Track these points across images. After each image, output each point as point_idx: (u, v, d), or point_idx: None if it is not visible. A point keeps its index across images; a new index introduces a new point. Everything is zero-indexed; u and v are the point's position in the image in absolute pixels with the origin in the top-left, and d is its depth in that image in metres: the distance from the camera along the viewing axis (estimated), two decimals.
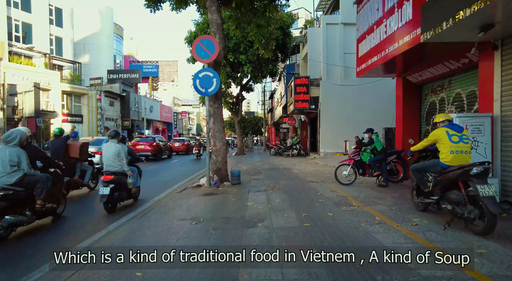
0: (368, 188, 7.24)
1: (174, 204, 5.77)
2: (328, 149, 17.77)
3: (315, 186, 7.54)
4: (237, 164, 14.66)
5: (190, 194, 6.75)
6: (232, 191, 6.97)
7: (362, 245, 3.34)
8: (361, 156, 7.61)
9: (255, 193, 6.71)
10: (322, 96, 17.82)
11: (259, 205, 5.44)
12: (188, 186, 7.82)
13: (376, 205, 5.37)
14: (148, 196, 7.00)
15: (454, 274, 2.58)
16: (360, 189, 7.02)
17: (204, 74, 7.36)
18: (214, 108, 7.81)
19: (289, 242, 3.49)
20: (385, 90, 17.78)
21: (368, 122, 18.32)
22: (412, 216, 4.54)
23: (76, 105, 33.67)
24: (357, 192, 6.62)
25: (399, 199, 5.85)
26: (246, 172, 11.07)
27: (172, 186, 8.54)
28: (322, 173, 10.70)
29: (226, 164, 7.99)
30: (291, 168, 12.51)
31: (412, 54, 6.31)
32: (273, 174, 10.43)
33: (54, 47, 33.55)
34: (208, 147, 7.46)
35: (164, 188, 8.31)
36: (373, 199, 5.88)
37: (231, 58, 20.70)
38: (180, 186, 8.35)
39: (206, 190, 7.13)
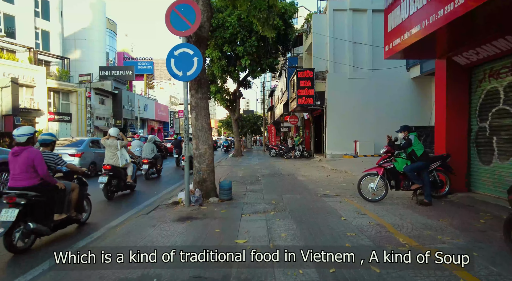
0: (406, 207, 5.28)
1: (128, 238, 3.80)
2: (335, 150, 15.82)
3: (332, 204, 5.58)
4: (233, 168, 12.69)
5: (159, 218, 4.78)
6: (219, 213, 5.00)
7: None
8: (394, 163, 5.66)
9: (250, 217, 4.74)
10: (329, 91, 15.86)
11: (255, 244, 3.48)
12: (163, 203, 5.86)
13: (441, 244, 3.41)
14: (106, 216, 5.07)
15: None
16: (397, 210, 5.05)
17: (181, 52, 5.39)
18: (196, 99, 5.84)
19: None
20: (401, 83, 15.88)
21: (382, 120, 16.49)
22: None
23: (64, 103, 31.72)
24: (396, 216, 4.65)
25: (468, 230, 3.89)
26: (242, 180, 9.10)
27: (146, 200, 6.58)
28: (334, 181, 8.73)
29: (213, 174, 6.02)
30: (295, 173, 10.55)
31: (475, 20, 4.36)
32: (274, 183, 8.47)
33: (40, 42, 31.55)
34: (186, 151, 5.48)
35: (134, 203, 6.36)
36: (426, 230, 3.92)
37: (227, 50, 18.75)
38: (155, 201, 6.38)
39: (183, 211, 5.17)
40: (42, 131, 27.25)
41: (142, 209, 5.69)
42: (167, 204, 5.77)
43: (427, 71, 14.20)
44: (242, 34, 18.29)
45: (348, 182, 8.34)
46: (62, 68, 33.59)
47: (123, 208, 5.92)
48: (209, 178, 5.88)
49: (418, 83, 15.65)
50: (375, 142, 15.46)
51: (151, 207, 5.69)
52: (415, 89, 15.75)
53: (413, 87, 15.75)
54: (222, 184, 5.92)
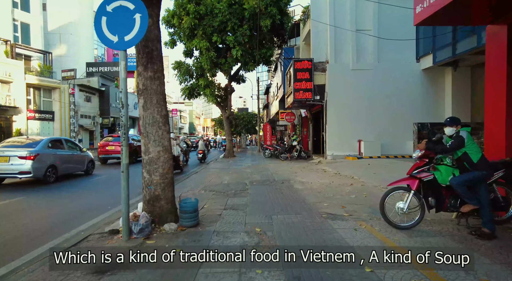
0: (457, 240, 3.48)
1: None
2: (337, 151, 14.03)
3: (344, 234, 3.76)
4: (219, 173, 10.85)
5: (70, 266, 2.93)
6: (168, 256, 3.14)
7: None
8: (434, 172, 3.85)
9: (215, 265, 2.89)
10: (330, 84, 14.06)
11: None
12: (97, 232, 4.02)
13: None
14: (10, 251, 3.24)
15: None
16: (449, 248, 3.25)
17: (117, 6, 3.55)
18: (144, 79, 4.01)
19: None
20: (411, 74, 14.03)
21: (389, 116, 14.60)
22: None
23: (46, 101, 29.73)
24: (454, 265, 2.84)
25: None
26: (225, 189, 7.26)
27: (81, 224, 4.73)
28: (339, 190, 6.92)
29: (171, 188, 4.16)
30: (291, 179, 8.73)
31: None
32: (264, 194, 6.63)
33: (19, 34, 29.53)
34: (124, 156, 3.60)
35: (62, 229, 4.50)
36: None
37: (216, 40, 16.88)
38: (91, 227, 4.52)
39: (115, 249, 3.31)
40: (20, 130, 25.28)
41: (67, 240, 3.85)
42: (103, 232, 3.93)
43: (441, 61, 12.46)
44: (233, 22, 16.46)
45: (358, 193, 6.55)
46: (44, 63, 31.55)
47: (56, 231, 4.06)
48: (164, 195, 4.04)
49: (429, 74, 13.89)
50: (382, 142, 13.70)
51: (80, 236, 3.86)
52: (426, 81, 13.99)
53: (424, 79, 13.99)
54: (183, 205, 4.07)
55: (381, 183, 7.45)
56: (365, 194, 6.42)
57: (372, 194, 6.41)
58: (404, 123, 13.87)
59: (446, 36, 12.03)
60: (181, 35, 18.25)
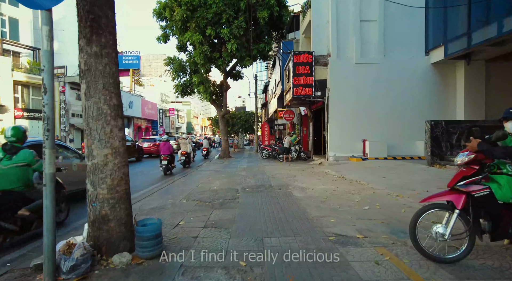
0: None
1: None
2: (340, 151, 12.95)
3: (363, 272, 2.67)
4: (210, 177, 9.75)
5: None
6: None
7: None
8: (490, 184, 2.76)
9: None
10: (332, 79, 12.97)
11: None
12: (22, 266, 2.93)
13: None
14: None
15: None
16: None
17: None
18: (87, 56, 2.91)
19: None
20: (419, 69, 12.86)
21: (396, 114, 13.16)
22: None
23: (36, 99, 28.62)
24: None
25: None
26: (211, 197, 6.17)
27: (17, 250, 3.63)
28: (346, 199, 5.83)
29: (126, 204, 3.04)
30: (290, 185, 7.64)
31: None
32: (257, 205, 5.52)
33: (7, 30, 28.40)
34: (47, 164, 2.50)
35: None
36: None
37: (210, 33, 15.81)
38: (23, 256, 3.41)
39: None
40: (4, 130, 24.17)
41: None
42: (26, 268, 2.84)
43: (454, 54, 11.40)
44: (228, 13, 15.38)
45: (370, 203, 5.46)
46: (33, 59, 30.40)
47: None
48: (114, 215, 2.93)
49: (439, 69, 12.83)
50: (388, 143, 12.62)
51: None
52: (435, 76, 12.92)
53: (433, 74, 12.92)
54: (140, 229, 2.96)
55: (394, 190, 6.37)
56: (378, 204, 5.34)
57: (387, 205, 5.33)
58: (412, 121, 12.80)
59: (460, 26, 10.97)
60: (173, 28, 17.17)
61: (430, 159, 9.29)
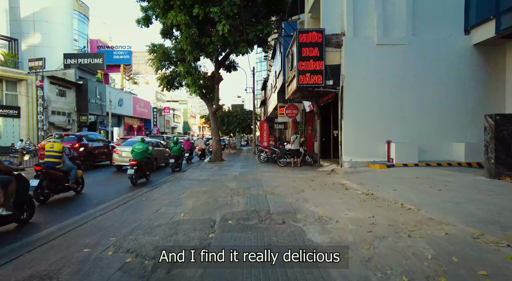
0: None
1: None
2: (357, 156, 10.22)
3: None
4: (185, 192, 7.01)
5: None
6: None
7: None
8: None
9: None
10: (347, 64, 10.26)
11: None
12: None
13: None
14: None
15: None
16: None
17: None
18: None
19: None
20: (458, 51, 9.77)
21: (428, 109, 9.67)
22: None
23: (10, 95, 25.93)
24: None
25: None
26: (159, 245, 3.42)
27: None
28: (406, 248, 3.06)
29: None
30: (299, 211, 4.91)
31: None
32: (237, 276, 2.81)
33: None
34: None
35: None
36: None
37: (198, 12, 13.14)
38: None
39: None
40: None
41: None
42: None
43: (506, 29, 8.71)
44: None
45: (462, 265, 2.72)
46: (9, 51, 27.68)
47: None
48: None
49: (484, 51, 10.13)
50: (420, 144, 9.91)
51: None
52: (479, 60, 10.22)
53: (476, 57, 10.21)
54: None
55: (479, 227, 3.65)
56: (484, 272, 2.62)
57: (487, 265, 2.61)
58: (449, 117, 10.12)
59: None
60: (156, 10, 14.46)
61: (494, 168, 6.58)
